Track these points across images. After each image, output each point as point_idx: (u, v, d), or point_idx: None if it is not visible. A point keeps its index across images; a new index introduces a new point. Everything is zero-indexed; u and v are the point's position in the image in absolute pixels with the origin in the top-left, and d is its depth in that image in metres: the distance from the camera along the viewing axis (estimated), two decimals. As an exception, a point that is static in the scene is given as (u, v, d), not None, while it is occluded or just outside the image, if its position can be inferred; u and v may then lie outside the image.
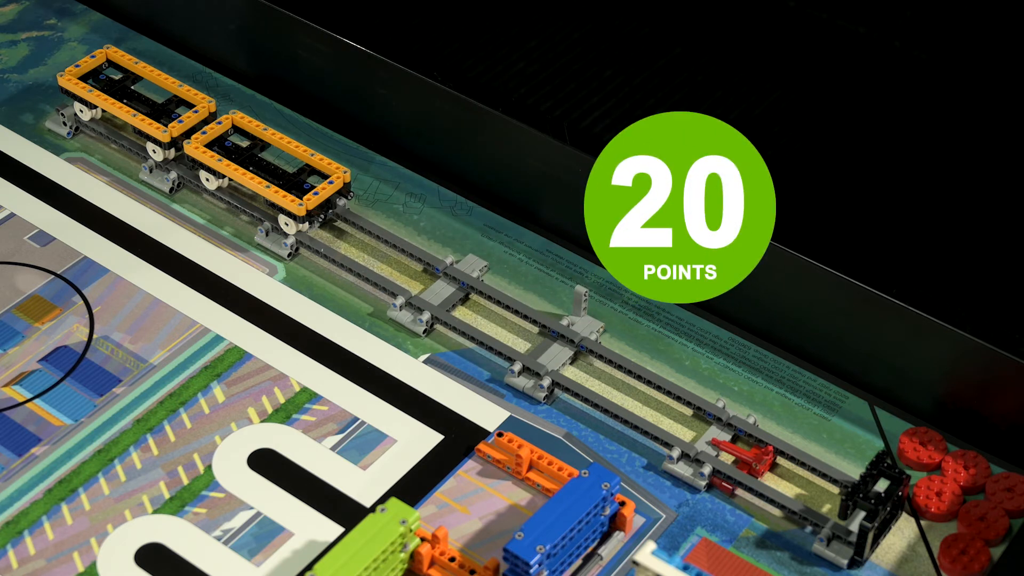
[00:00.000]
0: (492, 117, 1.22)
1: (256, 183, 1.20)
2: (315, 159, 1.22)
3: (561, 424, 1.09)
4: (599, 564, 1.01)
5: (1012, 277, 1.19)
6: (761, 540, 1.03)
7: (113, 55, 1.30)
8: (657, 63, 1.38)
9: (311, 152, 1.23)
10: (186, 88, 1.27)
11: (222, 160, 1.22)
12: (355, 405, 1.10)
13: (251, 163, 1.23)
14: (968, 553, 1.01)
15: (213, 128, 1.24)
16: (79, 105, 1.28)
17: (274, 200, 1.20)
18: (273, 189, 1.20)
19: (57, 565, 1.01)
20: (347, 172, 1.21)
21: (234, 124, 1.25)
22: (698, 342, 1.14)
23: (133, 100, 1.28)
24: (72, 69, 1.29)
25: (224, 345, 1.14)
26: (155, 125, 1.24)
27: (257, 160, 1.23)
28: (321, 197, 1.19)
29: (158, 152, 1.25)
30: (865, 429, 1.09)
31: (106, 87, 1.29)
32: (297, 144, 1.23)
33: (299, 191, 1.20)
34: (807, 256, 1.10)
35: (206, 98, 1.27)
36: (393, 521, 0.97)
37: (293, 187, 1.21)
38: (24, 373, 1.12)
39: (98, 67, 1.30)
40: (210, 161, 1.22)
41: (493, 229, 1.23)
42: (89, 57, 1.29)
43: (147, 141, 1.25)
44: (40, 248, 1.21)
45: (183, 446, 1.07)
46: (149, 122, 1.25)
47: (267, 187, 1.20)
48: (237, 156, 1.23)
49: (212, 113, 1.26)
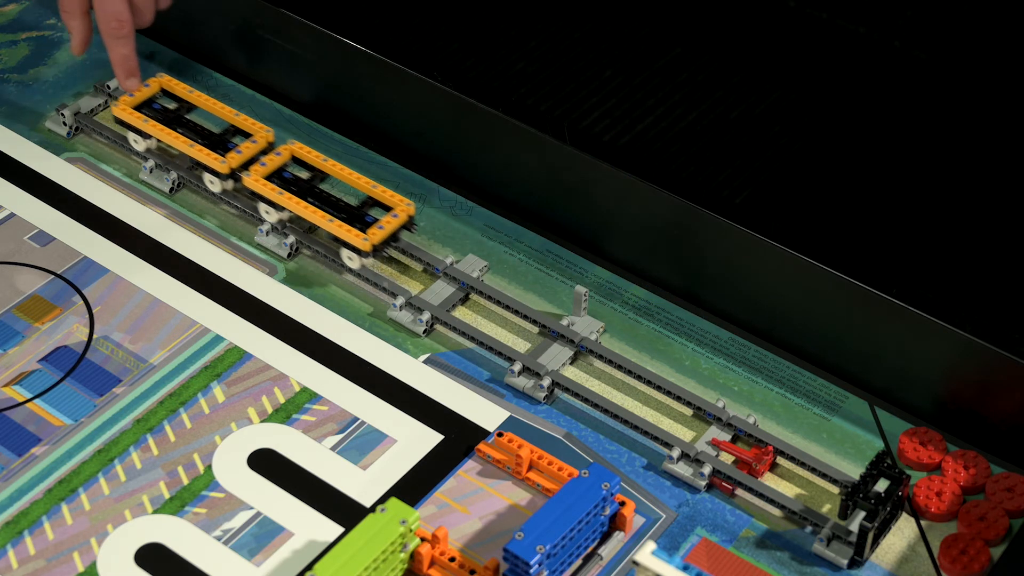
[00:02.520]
0: (492, 117, 1.22)
1: (319, 217, 1.17)
2: (377, 191, 1.19)
3: (561, 424, 1.09)
4: (599, 564, 1.01)
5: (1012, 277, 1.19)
6: (761, 540, 1.03)
7: (167, 83, 1.28)
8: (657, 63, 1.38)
9: (373, 184, 1.19)
10: (243, 117, 1.25)
11: (282, 193, 1.18)
12: (355, 405, 1.10)
13: (311, 195, 1.20)
14: (968, 553, 1.01)
15: (272, 159, 1.21)
16: (133, 135, 1.25)
17: (337, 235, 1.16)
18: (336, 223, 1.16)
19: (57, 565, 1.01)
20: (411, 205, 1.18)
21: (293, 155, 1.22)
22: (698, 342, 1.14)
23: (189, 129, 1.25)
24: (126, 99, 1.25)
25: (224, 345, 1.14)
26: (213, 156, 1.21)
27: (317, 192, 1.20)
28: (386, 232, 1.16)
29: (215, 183, 1.22)
30: (865, 429, 1.09)
31: (161, 116, 1.26)
32: (359, 176, 1.20)
33: (362, 224, 1.17)
34: (807, 256, 1.10)
35: (263, 127, 1.24)
36: (393, 521, 0.97)
37: (356, 220, 1.17)
38: (24, 373, 1.12)
39: (152, 96, 1.27)
40: (270, 194, 1.19)
41: (493, 229, 1.23)
42: (143, 86, 1.26)
43: (204, 171, 1.22)
44: (40, 248, 1.21)
45: (183, 446, 1.07)
46: (207, 153, 1.22)
47: (330, 221, 1.17)
48: (297, 188, 1.20)
49: (270, 143, 1.23)
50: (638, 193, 1.16)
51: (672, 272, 1.18)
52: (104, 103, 1.32)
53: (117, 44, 1.23)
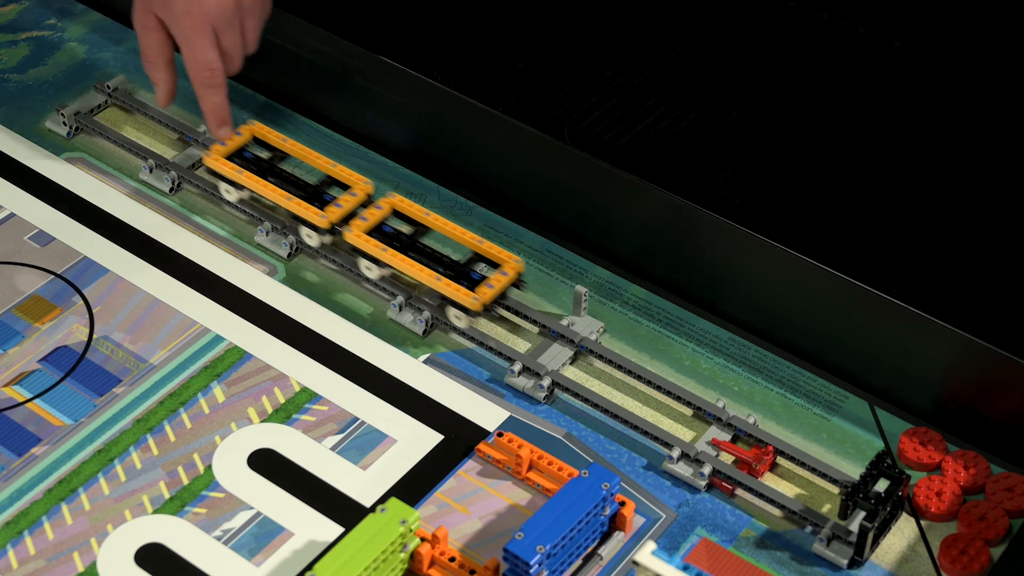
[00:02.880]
0: (492, 117, 1.22)
1: (426, 275, 1.13)
2: (484, 246, 1.15)
3: (561, 424, 1.09)
4: (599, 564, 1.01)
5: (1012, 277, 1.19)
6: (761, 540, 1.03)
7: (259, 131, 1.23)
8: (657, 63, 1.38)
9: (479, 239, 1.15)
10: (340, 168, 1.20)
11: (386, 249, 1.14)
12: (355, 405, 1.10)
13: (413, 250, 1.15)
14: (968, 553, 1.01)
15: (373, 213, 1.16)
16: (225, 186, 1.21)
17: (446, 293, 1.12)
18: (444, 282, 1.12)
19: (57, 565, 1.01)
20: (520, 262, 1.13)
21: (394, 208, 1.17)
22: (698, 342, 1.14)
23: (283, 180, 1.20)
24: (217, 148, 1.21)
25: (224, 345, 1.14)
26: (312, 210, 1.17)
27: (420, 247, 1.16)
28: (496, 291, 1.12)
29: (313, 237, 1.18)
30: (865, 429, 1.09)
31: (254, 166, 1.21)
32: (463, 231, 1.16)
33: (468, 281, 1.13)
34: (807, 256, 1.10)
35: (362, 179, 1.19)
36: (393, 521, 0.97)
37: (461, 277, 1.13)
38: (24, 373, 1.12)
39: (243, 144, 1.23)
40: (373, 250, 1.14)
41: (493, 229, 1.23)
42: (235, 134, 1.22)
43: (301, 225, 1.18)
44: (40, 248, 1.21)
45: (183, 446, 1.07)
46: (305, 206, 1.17)
47: (437, 279, 1.12)
48: (399, 243, 1.16)
49: (369, 195, 1.19)
50: (638, 193, 1.16)
51: (672, 272, 1.18)
52: (104, 102, 1.32)
53: (209, 93, 1.19)
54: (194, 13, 1.16)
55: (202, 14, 1.16)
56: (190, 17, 1.16)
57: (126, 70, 1.36)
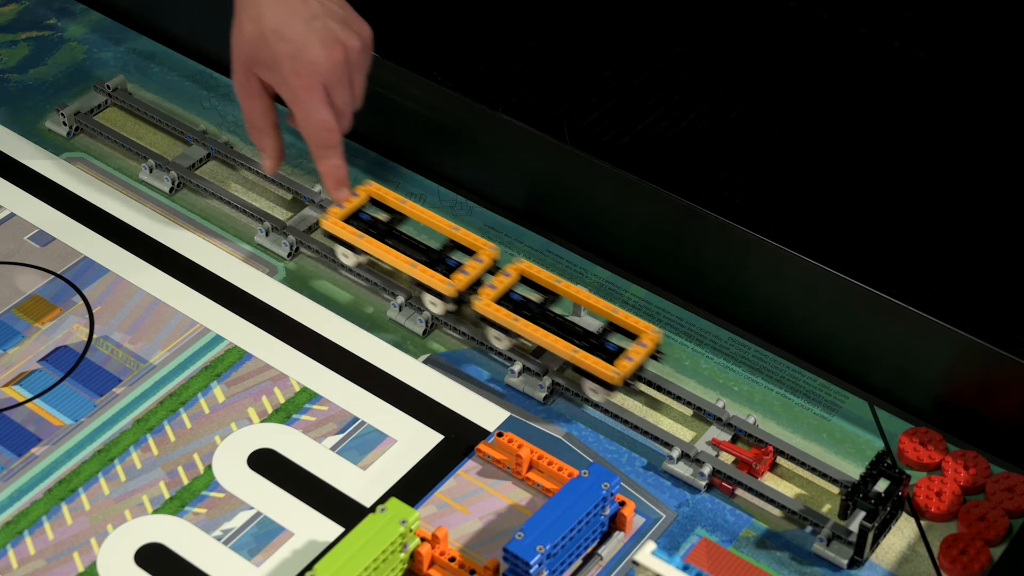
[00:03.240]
0: (492, 117, 1.22)
1: (563, 347, 1.07)
2: (619, 316, 1.10)
3: (561, 424, 1.09)
4: (599, 564, 1.01)
5: (1012, 277, 1.19)
6: (761, 540, 1.03)
7: (376, 192, 1.18)
8: (657, 63, 1.38)
9: (614, 308, 1.10)
10: (463, 232, 1.15)
11: (518, 320, 1.09)
12: (355, 405, 1.10)
13: (544, 318, 1.10)
14: (968, 553, 1.01)
15: (501, 280, 1.11)
16: (342, 249, 1.16)
17: (584, 366, 1.07)
18: (582, 355, 1.07)
19: (57, 565, 1.01)
20: (658, 332, 1.09)
21: (522, 274, 1.12)
22: (698, 342, 1.14)
23: (402, 243, 1.16)
24: (335, 210, 1.15)
25: (224, 345, 1.14)
26: (438, 277, 1.12)
27: (551, 316, 1.11)
28: (635, 363, 1.07)
29: (438, 305, 1.13)
30: (865, 429, 1.09)
31: (371, 228, 1.16)
32: (597, 299, 1.11)
33: (604, 353, 1.08)
34: (807, 256, 1.10)
35: (487, 244, 1.14)
36: (393, 521, 0.97)
37: (598, 349, 1.08)
38: (24, 373, 1.12)
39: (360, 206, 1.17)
40: (505, 321, 1.09)
41: (493, 229, 1.23)
42: (352, 195, 1.17)
43: (424, 292, 1.13)
44: (40, 248, 1.21)
45: (183, 446, 1.07)
46: (431, 274, 1.12)
47: (575, 352, 1.07)
48: (530, 312, 1.11)
49: (495, 260, 1.14)
50: (638, 193, 1.16)
51: (672, 272, 1.18)
52: (104, 102, 1.32)
53: (327, 154, 1.13)
54: (305, 73, 1.10)
55: (313, 73, 1.10)
56: (301, 77, 1.10)
57: (126, 70, 1.36)
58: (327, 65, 1.11)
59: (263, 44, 1.11)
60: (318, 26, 1.11)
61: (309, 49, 1.10)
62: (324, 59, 1.10)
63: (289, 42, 1.10)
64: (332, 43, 1.11)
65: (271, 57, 1.11)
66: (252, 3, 1.12)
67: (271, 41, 1.11)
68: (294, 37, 1.10)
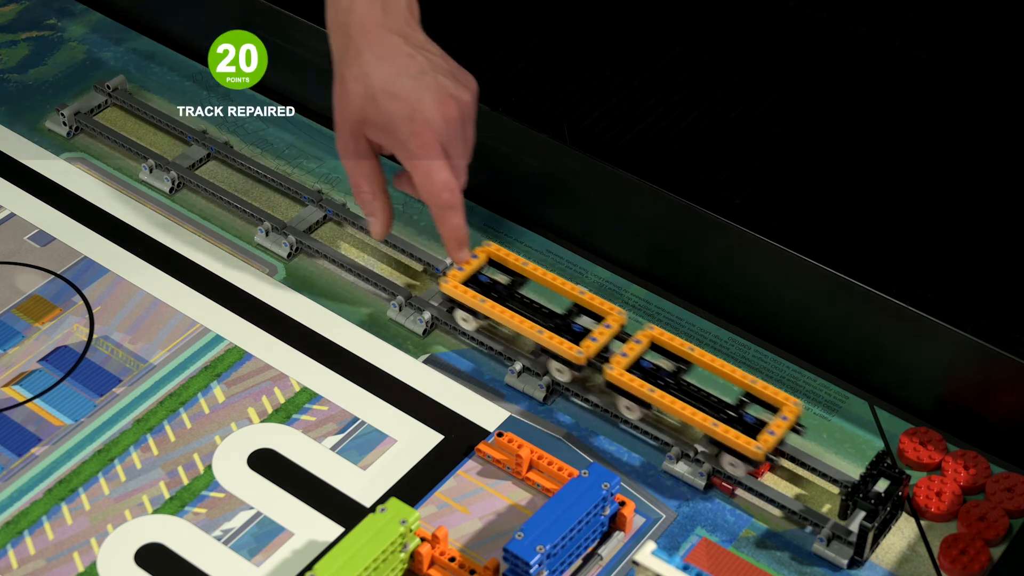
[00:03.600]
0: (492, 117, 1.22)
1: (707, 423, 1.03)
2: (757, 386, 1.05)
3: (561, 424, 1.09)
4: (599, 564, 1.01)
5: (1012, 277, 1.19)
6: (761, 540, 1.03)
7: (495, 253, 1.14)
8: (657, 63, 1.38)
9: (752, 379, 1.06)
10: (589, 296, 1.11)
11: (653, 390, 1.05)
12: (355, 405, 1.10)
13: (677, 389, 1.07)
14: (968, 553, 1.01)
15: (632, 347, 1.07)
16: (462, 314, 1.12)
17: (725, 441, 1.03)
18: (722, 428, 1.03)
19: (57, 565, 1.01)
20: (798, 404, 1.04)
21: (653, 341, 1.09)
22: (698, 342, 1.14)
23: (523, 306, 1.12)
24: (455, 273, 1.12)
25: (224, 345, 1.14)
26: (567, 344, 1.07)
27: (685, 386, 1.07)
28: (777, 437, 1.03)
29: (564, 372, 1.09)
30: (865, 429, 1.09)
31: (491, 291, 1.12)
32: (732, 368, 1.07)
33: (742, 426, 1.04)
34: (807, 256, 1.10)
35: (615, 309, 1.10)
36: (393, 521, 0.97)
37: (736, 422, 1.04)
38: (24, 373, 1.12)
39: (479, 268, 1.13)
40: (639, 390, 1.05)
41: (493, 229, 1.23)
42: (471, 256, 1.13)
43: (551, 360, 1.09)
44: (40, 248, 1.21)
45: (183, 446, 1.07)
46: (559, 341, 1.08)
47: (714, 425, 1.03)
48: (663, 381, 1.07)
49: (623, 326, 1.10)
50: (638, 193, 1.16)
51: (672, 272, 1.18)
52: (104, 102, 1.32)
53: (449, 215, 1.08)
54: (423, 132, 1.06)
55: (431, 132, 1.06)
56: (419, 137, 1.06)
57: (126, 70, 1.36)
58: (443, 122, 1.06)
59: (373, 105, 1.06)
60: (429, 82, 1.06)
61: (424, 107, 1.06)
62: (440, 117, 1.06)
63: (402, 101, 1.06)
64: (445, 98, 1.06)
65: (384, 118, 1.06)
66: (355, 62, 1.07)
67: (382, 101, 1.06)
68: (407, 95, 1.06)
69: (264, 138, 1.31)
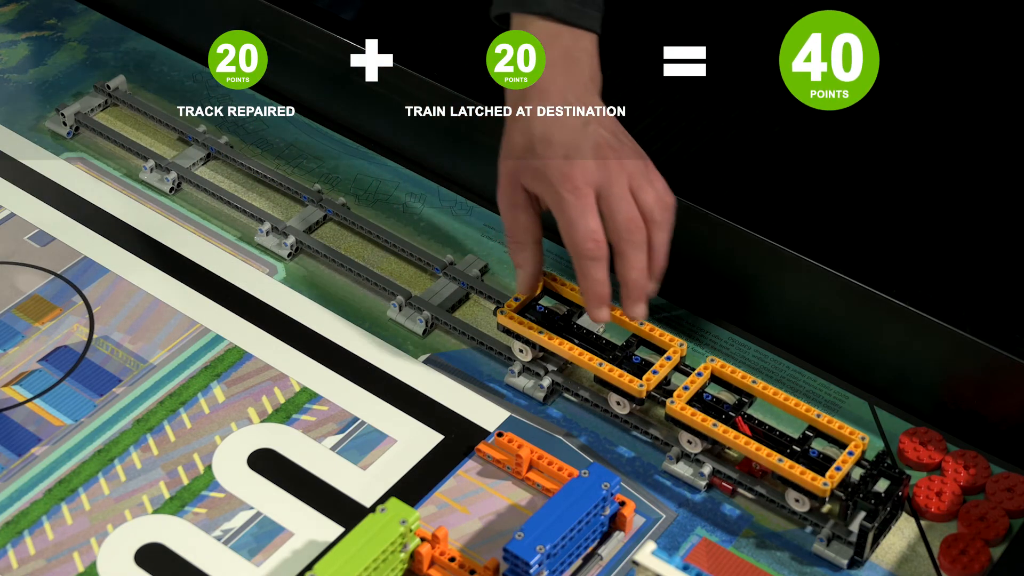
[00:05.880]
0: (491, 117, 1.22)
1: (773, 460, 1.01)
2: (822, 421, 1.03)
3: (561, 424, 1.09)
4: (599, 564, 1.01)
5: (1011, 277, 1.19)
6: (761, 540, 1.03)
7: (550, 283, 1.12)
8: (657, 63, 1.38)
9: (817, 413, 1.03)
10: (648, 327, 1.08)
11: (717, 425, 1.03)
12: (355, 405, 1.10)
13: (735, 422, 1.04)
14: (968, 553, 1.01)
15: (694, 380, 1.05)
16: (520, 344, 1.10)
17: (791, 478, 1.00)
18: (788, 464, 1.00)
19: (57, 565, 1.01)
20: (865, 439, 1.02)
21: (714, 373, 1.07)
22: (698, 342, 1.14)
23: (580, 338, 1.09)
24: (511, 303, 1.10)
25: (224, 345, 1.14)
26: (627, 377, 1.05)
27: (748, 419, 1.04)
28: (843, 472, 1.00)
29: (624, 405, 1.07)
30: (865, 429, 1.09)
31: (548, 321, 1.10)
32: (796, 401, 1.04)
33: (808, 462, 1.01)
34: (807, 256, 1.10)
35: (675, 340, 1.08)
36: (393, 521, 0.97)
37: (801, 457, 1.02)
38: (24, 373, 1.12)
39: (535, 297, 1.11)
40: (701, 425, 1.03)
41: (493, 229, 1.23)
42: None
43: (611, 392, 1.08)
44: (40, 248, 1.21)
45: (183, 446, 1.07)
46: (620, 373, 1.05)
47: (779, 461, 1.00)
48: (723, 415, 1.04)
49: (683, 358, 1.08)
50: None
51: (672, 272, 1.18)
52: (104, 102, 1.32)
53: (593, 267, 1.03)
54: (573, 175, 1.02)
55: (583, 174, 1.02)
56: (569, 180, 1.02)
57: (126, 70, 1.36)
58: (598, 167, 1.03)
59: (531, 152, 1.04)
60: (591, 131, 1.04)
61: (581, 152, 1.03)
62: (594, 162, 1.03)
63: (560, 146, 1.03)
64: (605, 148, 1.03)
65: (540, 164, 1.04)
66: (522, 117, 1.05)
67: (539, 147, 1.04)
68: (565, 141, 1.03)
69: (264, 138, 1.31)
